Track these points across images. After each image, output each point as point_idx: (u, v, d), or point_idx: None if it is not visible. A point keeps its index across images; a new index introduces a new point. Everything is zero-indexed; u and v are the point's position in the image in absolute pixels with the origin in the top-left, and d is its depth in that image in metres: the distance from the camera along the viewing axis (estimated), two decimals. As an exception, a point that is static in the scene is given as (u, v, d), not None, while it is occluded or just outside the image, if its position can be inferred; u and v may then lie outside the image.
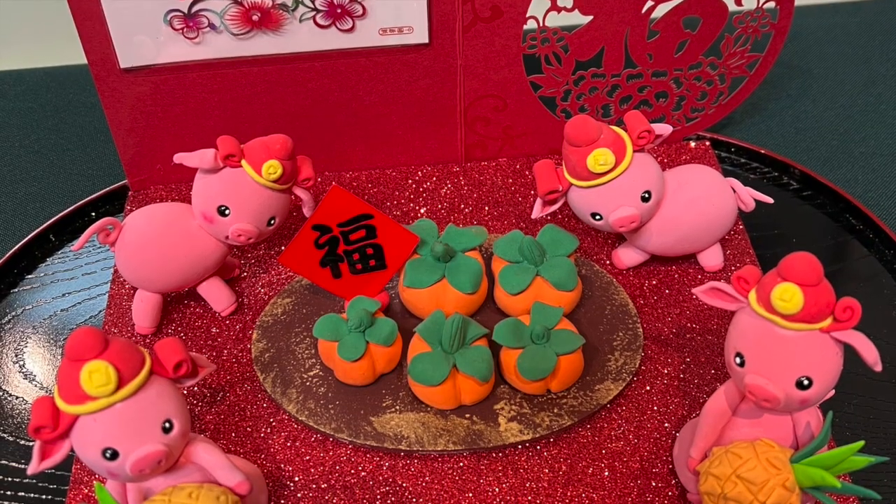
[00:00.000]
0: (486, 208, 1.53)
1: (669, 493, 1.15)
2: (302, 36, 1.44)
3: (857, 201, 1.54)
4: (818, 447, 0.98)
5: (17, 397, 1.33)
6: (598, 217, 1.28)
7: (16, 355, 1.38)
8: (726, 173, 1.59)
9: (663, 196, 1.31)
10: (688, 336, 1.32)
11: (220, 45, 1.44)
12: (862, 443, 0.96)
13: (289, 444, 1.22)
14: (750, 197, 1.34)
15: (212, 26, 1.41)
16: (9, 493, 1.22)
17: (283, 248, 1.47)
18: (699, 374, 1.27)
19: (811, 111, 1.81)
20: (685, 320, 1.34)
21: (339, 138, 1.56)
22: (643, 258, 1.39)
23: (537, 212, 1.32)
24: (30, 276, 1.51)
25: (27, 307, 1.45)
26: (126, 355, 0.94)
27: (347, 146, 1.58)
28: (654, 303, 1.36)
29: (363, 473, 1.19)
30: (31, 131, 1.84)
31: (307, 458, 1.21)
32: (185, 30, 1.41)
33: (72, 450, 0.95)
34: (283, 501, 1.16)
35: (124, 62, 1.42)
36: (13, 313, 1.44)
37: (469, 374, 1.19)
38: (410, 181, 1.58)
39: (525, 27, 1.47)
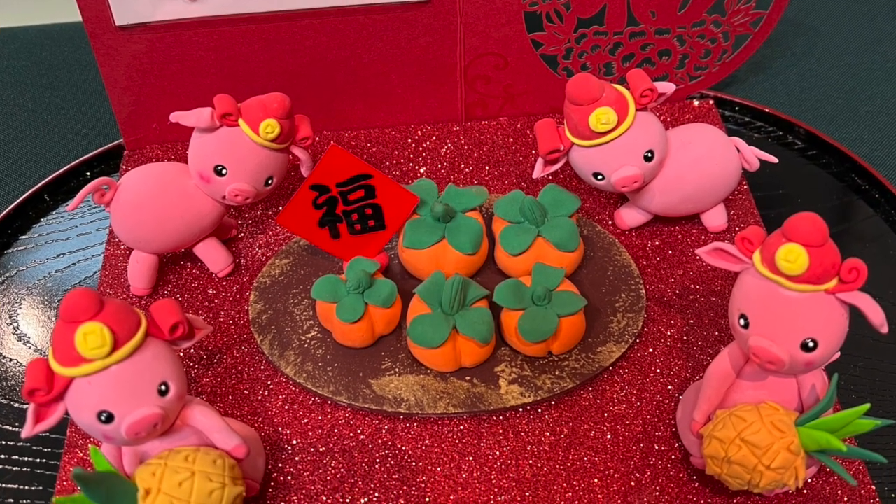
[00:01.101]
0: (487, 168, 1.51)
1: (672, 457, 1.14)
2: (300, -8, 1.42)
3: (863, 161, 1.52)
4: (823, 410, 0.97)
5: (10, 359, 1.32)
6: (600, 177, 1.27)
7: (10, 317, 1.37)
8: (730, 132, 1.57)
9: (666, 155, 1.30)
10: (691, 297, 1.30)
11: (216, 3, 1.42)
12: (868, 406, 0.95)
13: (286, 407, 1.21)
14: (754, 156, 1.33)
15: (208, -17, 1.40)
16: (2, 456, 1.21)
17: (280, 208, 1.45)
18: (703, 336, 1.26)
19: (816, 69, 1.79)
20: (688, 281, 1.32)
21: (338, 97, 1.55)
22: (646, 218, 1.38)
23: (538, 171, 1.31)
24: (24, 237, 1.49)
25: (21, 268, 1.44)
26: (121, 317, 0.93)
27: (346, 105, 1.56)
28: (656, 264, 1.35)
29: (362, 437, 1.18)
30: (24, 90, 1.82)
31: (305, 421, 1.20)
32: (180, -14, 1.40)
33: (66, 413, 0.94)
34: (280, 465, 1.15)
35: (119, 20, 1.41)
36: (7, 274, 1.43)
37: (469, 336, 1.18)
38: (410, 140, 1.57)
39: (526, -17, 1.46)
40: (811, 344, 0.95)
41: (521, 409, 1.20)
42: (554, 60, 1.55)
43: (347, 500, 1.12)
